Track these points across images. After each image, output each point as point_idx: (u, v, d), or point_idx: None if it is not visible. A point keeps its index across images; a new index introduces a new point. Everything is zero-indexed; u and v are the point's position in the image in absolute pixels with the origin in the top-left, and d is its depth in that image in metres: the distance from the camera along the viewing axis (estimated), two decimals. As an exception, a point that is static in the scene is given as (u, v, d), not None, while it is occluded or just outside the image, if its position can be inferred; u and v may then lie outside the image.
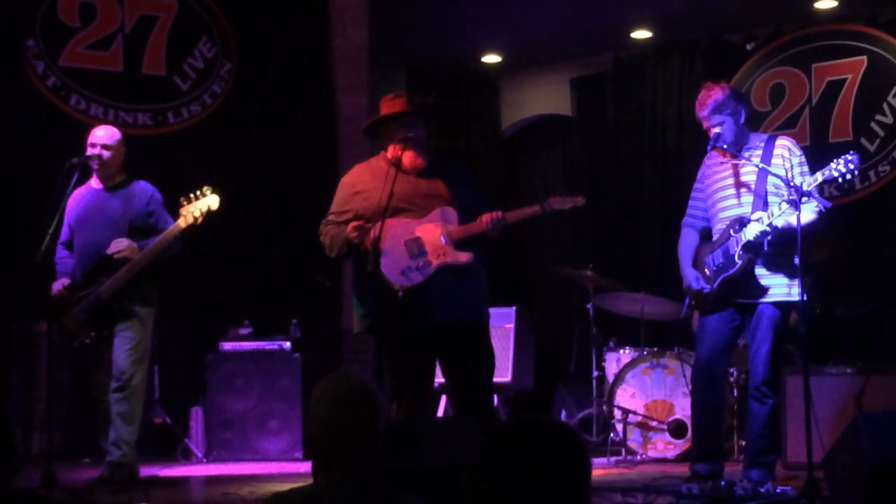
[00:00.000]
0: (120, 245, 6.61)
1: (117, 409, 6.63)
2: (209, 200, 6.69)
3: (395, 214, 5.68)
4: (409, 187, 5.76)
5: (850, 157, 5.63)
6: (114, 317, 6.62)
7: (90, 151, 6.75)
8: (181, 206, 6.66)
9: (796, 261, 5.74)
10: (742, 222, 5.88)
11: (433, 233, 5.71)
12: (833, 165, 5.64)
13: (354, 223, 5.67)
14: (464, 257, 5.71)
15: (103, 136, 6.84)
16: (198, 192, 6.69)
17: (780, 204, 5.74)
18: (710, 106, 5.99)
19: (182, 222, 6.65)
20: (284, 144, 9.47)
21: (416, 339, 5.66)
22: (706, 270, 6.06)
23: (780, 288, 5.90)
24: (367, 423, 2.85)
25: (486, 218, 5.70)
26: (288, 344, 8.33)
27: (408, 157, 5.81)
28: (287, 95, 9.47)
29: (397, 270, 5.64)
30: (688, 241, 6.27)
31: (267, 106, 9.46)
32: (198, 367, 8.42)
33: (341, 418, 2.83)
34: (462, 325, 5.72)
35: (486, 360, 5.83)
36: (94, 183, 6.86)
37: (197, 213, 6.65)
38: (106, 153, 6.78)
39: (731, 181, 6.03)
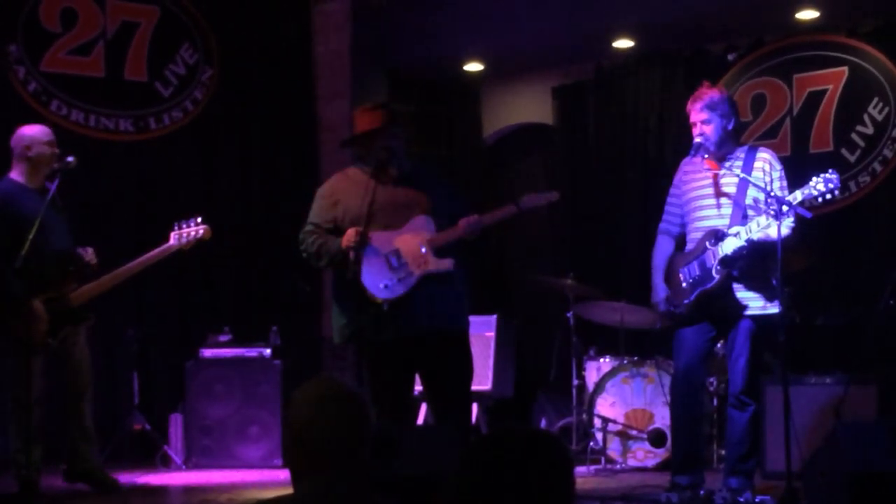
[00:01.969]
0: (92, 254, 6.62)
1: (89, 423, 6.67)
2: (201, 230, 6.79)
3: (373, 224, 5.65)
4: (388, 197, 5.72)
5: (830, 176, 5.61)
6: (71, 325, 6.59)
7: (53, 151, 6.71)
8: (172, 229, 6.69)
9: (773, 275, 5.74)
10: (718, 235, 5.85)
11: (412, 243, 5.68)
12: (813, 184, 5.63)
13: (353, 230, 5.59)
14: (446, 264, 5.68)
15: (51, 133, 6.80)
16: (191, 221, 6.75)
17: (758, 220, 5.73)
18: (705, 101, 5.96)
19: (174, 244, 6.71)
20: (266, 150, 9.44)
21: (398, 348, 5.64)
22: (682, 283, 6.02)
23: (756, 302, 5.89)
24: (357, 429, 2.74)
25: (463, 222, 5.67)
26: (268, 351, 8.30)
27: (387, 168, 5.78)
28: (269, 102, 9.45)
29: (380, 284, 5.61)
30: (663, 250, 6.23)
31: (249, 112, 9.43)
32: (177, 373, 8.37)
33: (329, 422, 2.70)
34: (445, 332, 5.70)
35: (466, 367, 5.81)
36: (27, 182, 6.68)
37: (190, 238, 6.72)
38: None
39: (710, 190, 6.01)
